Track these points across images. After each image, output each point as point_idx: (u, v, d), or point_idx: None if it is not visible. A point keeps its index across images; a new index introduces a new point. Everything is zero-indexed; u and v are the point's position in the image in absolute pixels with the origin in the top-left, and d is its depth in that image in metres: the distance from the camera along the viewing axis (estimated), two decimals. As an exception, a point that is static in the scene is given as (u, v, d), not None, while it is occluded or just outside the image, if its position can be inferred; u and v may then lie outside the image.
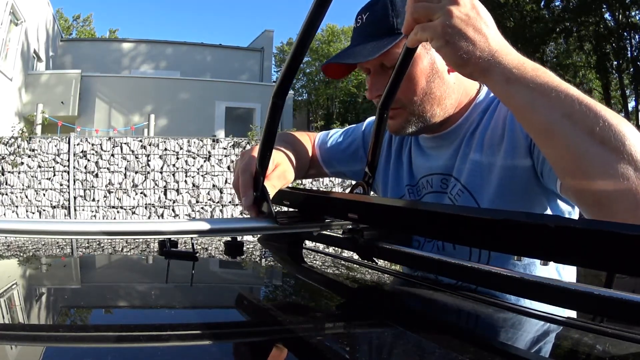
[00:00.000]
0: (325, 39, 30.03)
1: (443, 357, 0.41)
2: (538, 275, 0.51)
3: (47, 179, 7.68)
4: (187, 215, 7.94)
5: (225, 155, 8.19)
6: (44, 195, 7.66)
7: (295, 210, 0.71)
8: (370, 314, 0.54)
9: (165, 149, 8.04)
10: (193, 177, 8.08)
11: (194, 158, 8.11)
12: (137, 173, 7.94)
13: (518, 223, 0.42)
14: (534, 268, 0.76)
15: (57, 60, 16.15)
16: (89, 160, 7.82)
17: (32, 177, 7.62)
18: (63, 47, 17.01)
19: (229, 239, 0.88)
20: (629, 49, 17.01)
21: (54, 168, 7.72)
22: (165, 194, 7.99)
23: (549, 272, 0.79)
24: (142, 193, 7.94)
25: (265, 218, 0.65)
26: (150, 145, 8.03)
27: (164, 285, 0.68)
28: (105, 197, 7.82)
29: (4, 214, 7.44)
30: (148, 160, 7.98)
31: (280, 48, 31.09)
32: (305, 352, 0.42)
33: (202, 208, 8.06)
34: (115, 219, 7.33)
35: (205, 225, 0.60)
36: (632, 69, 17.07)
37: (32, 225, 0.56)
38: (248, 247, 0.93)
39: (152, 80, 15.13)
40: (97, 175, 7.82)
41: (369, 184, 0.80)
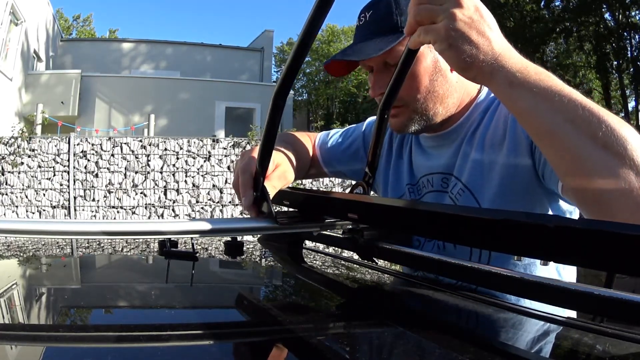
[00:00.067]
0: (325, 39, 30.02)
1: (443, 357, 0.41)
2: (538, 275, 0.51)
3: (47, 179, 7.68)
4: (187, 215, 7.94)
5: (225, 155, 8.19)
6: (44, 195, 7.66)
7: (295, 210, 0.71)
8: (370, 314, 0.54)
9: (165, 149, 8.04)
10: (193, 177, 8.08)
11: (194, 158, 8.11)
12: (137, 173, 7.94)
13: (518, 223, 0.42)
14: (534, 268, 0.76)
15: (57, 60, 16.15)
16: (89, 160, 7.82)
17: (32, 177, 7.62)
18: (63, 47, 17.01)
19: (229, 239, 0.88)
20: (629, 49, 17.01)
21: (54, 168, 7.72)
22: (165, 194, 7.99)
23: (549, 272, 0.79)
24: (142, 193, 7.94)
25: (265, 218, 0.65)
26: (150, 145, 8.03)
27: (164, 285, 0.68)
28: (105, 197, 7.82)
29: (4, 214, 7.44)
30: (148, 160, 7.98)
31: (280, 48, 31.11)
32: (305, 352, 0.42)
33: (202, 208, 8.06)
34: (115, 219, 7.33)
35: (205, 225, 0.60)
36: (632, 69, 17.07)
37: (32, 225, 0.56)
38: (248, 247, 0.93)
39: (152, 80, 15.12)
40: (97, 175, 7.82)
41: (369, 184, 0.80)
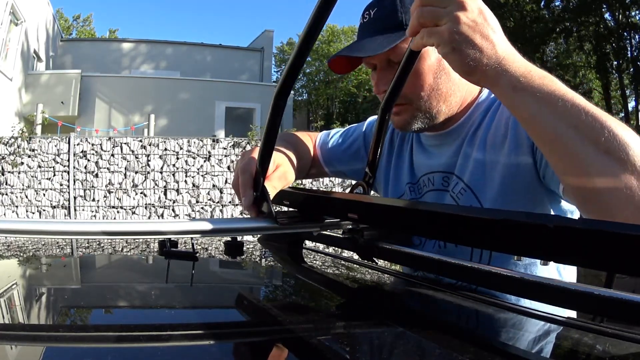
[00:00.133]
0: (325, 39, 30.00)
1: (443, 357, 0.41)
2: (538, 275, 0.51)
3: (47, 179, 7.68)
4: (187, 215, 7.94)
5: (225, 155, 8.19)
6: (44, 195, 7.66)
7: (295, 210, 0.71)
8: (370, 314, 0.54)
9: (165, 149, 8.04)
10: (193, 177, 8.08)
11: (194, 158, 8.11)
12: (137, 173, 7.94)
13: (518, 223, 0.42)
14: (535, 268, 0.76)
15: (57, 60, 16.15)
16: (89, 160, 7.82)
17: (32, 177, 7.62)
18: (63, 47, 17.01)
19: (229, 239, 0.88)
20: (629, 49, 17.01)
21: (54, 168, 7.72)
22: (165, 194, 7.99)
23: (550, 272, 0.79)
24: (142, 193, 7.94)
25: (265, 218, 0.65)
26: (150, 145, 8.03)
27: (164, 285, 0.68)
28: (105, 197, 7.82)
29: (4, 214, 7.44)
30: (148, 160, 7.98)
31: (280, 48, 31.10)
32: (305, 352, 0.42)
33: (202, 208, 8.06)
34: (115, 219, 7.33)
35: (205, 225, 0.60)
36: (632, 69, 17.07)
37: (32, 225, 0.56)
38: (248, 247, 0.93)
39: (152, 80, 15.12)
40: (97, 175, 7.82)
41: (369, 184, 0.80)
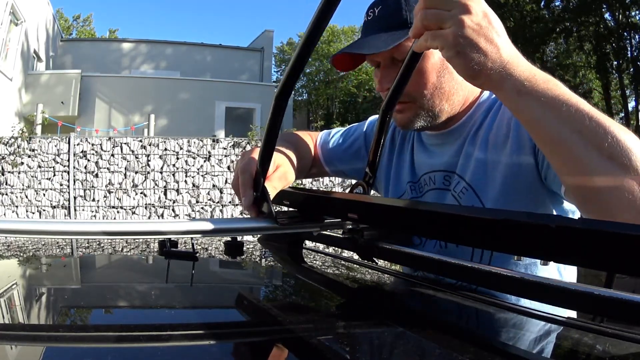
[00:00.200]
0: (325, 39, 29.98)
1: (443, 357, 0.41)
2: (538, 275, 0.51)
3: (47, 179, 7.68)
4: (187, 215, 7.94)
5: (225, 156, 8.19)
6: (44, 195, 7.66)
7: (295, 210, 0.71)
8: (370, 314, 0.54)
9: (165, 149, 8.04)
10: (193, 177, 8.08)
11: (194, 158, 8.11)
12: (137, 173, 7.94)
13: (518, 223, 0.42)
14: (535, 268, 0.76)
15: (57, 60, 16.14)
16: (89, 160, 7.82)
17: (32, 177, 7.62)
18: (63, 47, 17.00)
19: (229, 239, 0.88)
20: (629, 49, 17.00)
21: (54, 168, 7.72)
22: (165, 194, 7.99)
23: (550, 272, 0.79)
24: (142, 193, 7.94)
25: (265, 218, 0.65)
26: (150, 145, 8.03)
27: (164, 285, 0.68)
28: (105, 197, 7.82)
29: (4, 214, 7.44)
30: (148, 160, 7.98)
31: (280, 48, 31.09)
32: (305, 352, 0.42)
33: (202, 208, 8.06)
34: (115, 219, 7.33)
35: (205, 225, 0.60)
36: (632, 69, 17.05)
37: (32, 225, 0.56)
38: (248, 247, 0.93)
39: (152, 80, 15.12)
40: (97, 175, 7.82)
41: (369, 184, 0.80)
